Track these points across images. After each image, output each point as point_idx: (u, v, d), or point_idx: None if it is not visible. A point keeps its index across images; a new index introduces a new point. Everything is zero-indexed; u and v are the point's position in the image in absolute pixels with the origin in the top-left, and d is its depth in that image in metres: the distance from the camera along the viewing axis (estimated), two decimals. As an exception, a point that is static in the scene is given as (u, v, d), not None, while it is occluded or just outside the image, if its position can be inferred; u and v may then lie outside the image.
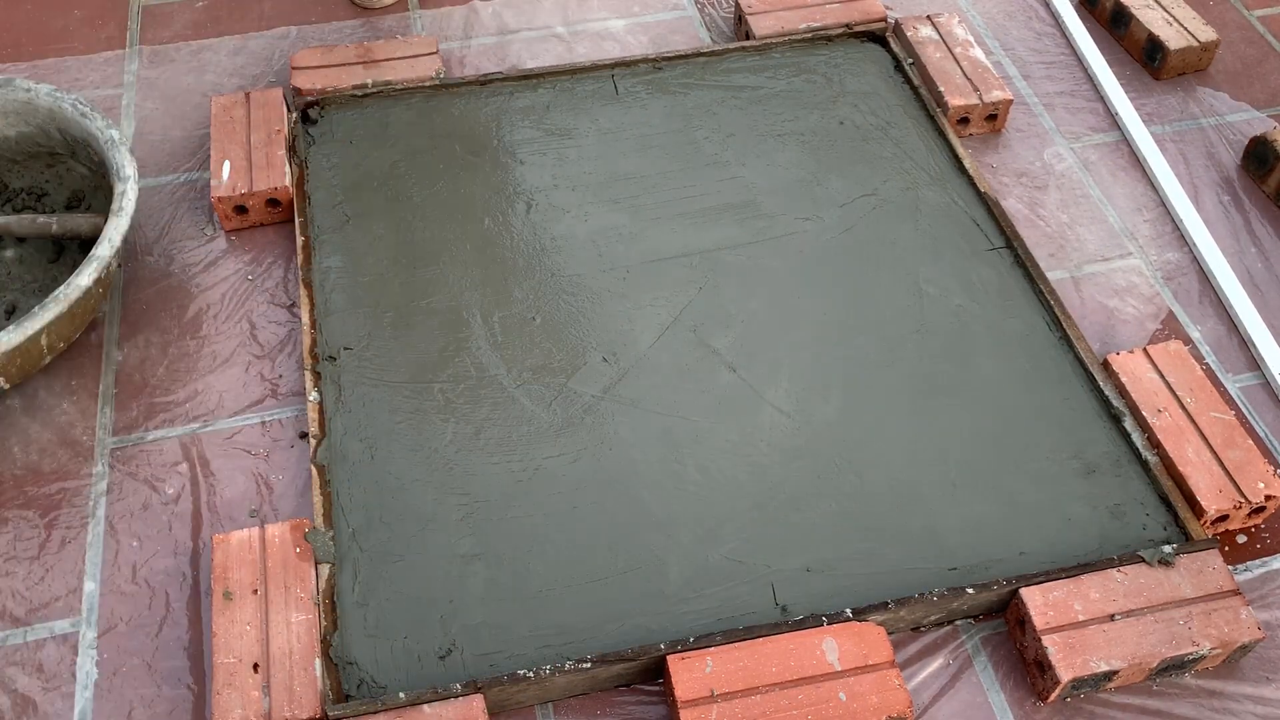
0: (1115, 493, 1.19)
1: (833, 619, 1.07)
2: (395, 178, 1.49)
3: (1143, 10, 1.74)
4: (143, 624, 1.12)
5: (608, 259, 1.40)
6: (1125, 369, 1.27)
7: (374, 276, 1.38)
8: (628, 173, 1.51)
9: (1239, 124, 1.65)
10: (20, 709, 1.06)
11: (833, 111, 1.58)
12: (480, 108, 1.59)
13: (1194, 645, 1.05)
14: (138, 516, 1.20)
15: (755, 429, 1.24)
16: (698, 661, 1.03)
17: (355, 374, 1.28)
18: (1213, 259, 1.46)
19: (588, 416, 1.25)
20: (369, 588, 1.11)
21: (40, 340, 1.20)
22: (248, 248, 1.46)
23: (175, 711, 1.06)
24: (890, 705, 1.01)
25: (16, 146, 1.43)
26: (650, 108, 1.59)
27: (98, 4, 1.82)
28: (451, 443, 1.22)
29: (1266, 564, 1.18)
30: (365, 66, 1.61)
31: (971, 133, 1.62)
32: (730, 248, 1.42)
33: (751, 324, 1.34)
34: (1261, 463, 1.19)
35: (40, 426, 1.27)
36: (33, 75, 1.69)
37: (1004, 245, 1.43)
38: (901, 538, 1.15)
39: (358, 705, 1.01)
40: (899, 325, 1.34)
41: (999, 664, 1.10)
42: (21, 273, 1.40)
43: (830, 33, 1.69)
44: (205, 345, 1.35)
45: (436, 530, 1.15)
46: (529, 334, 1.32)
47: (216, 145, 1.49)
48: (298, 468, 1.24)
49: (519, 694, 1.04)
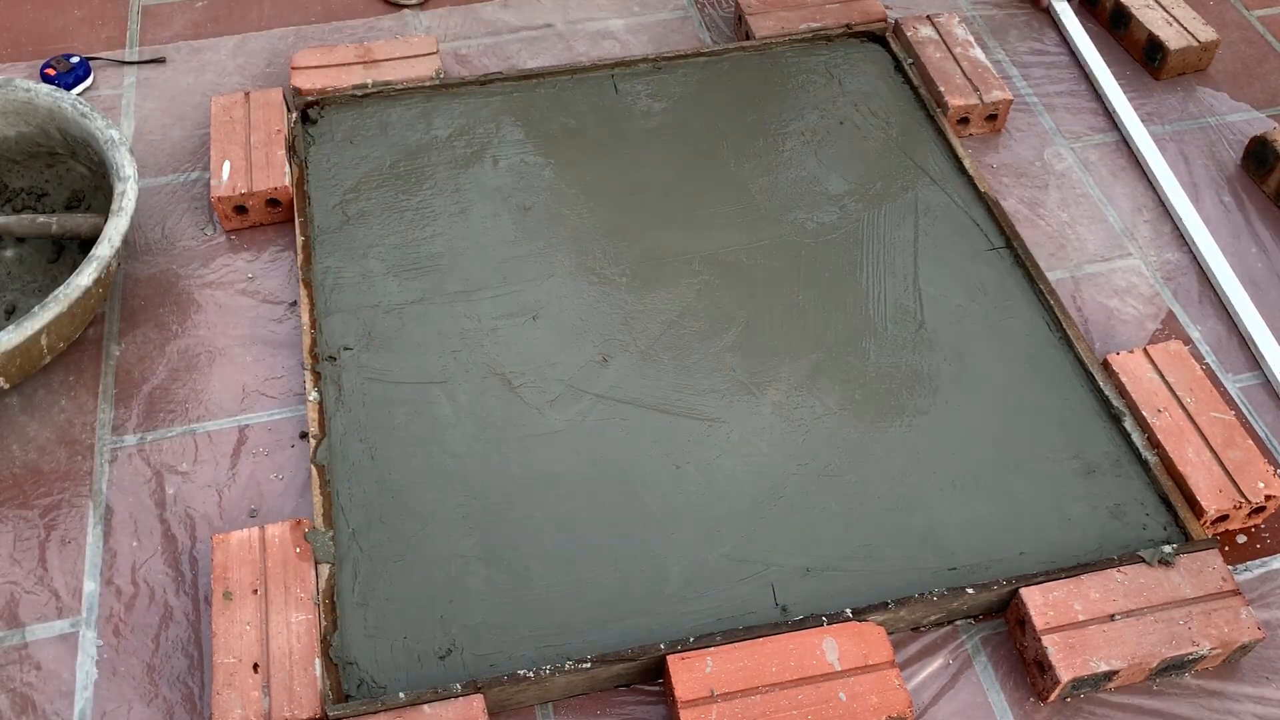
0: (1115, 493, 1.19)
1: (833, 619, 1.07)
2: (395, 178, 1.49)
3: (1143, 10, 1.74)
4: (143, 624, 1.12)
5: (608, 258, 1.40)
6: (1125, 369, 1.27)
7: (374, 276, 1.38)
8: (628, 173, 1.51)
9: (1239, 124, 1.65)
10: (20, 709, 1.06)
11: (833, 111, 1.58)
12: (480, 108, 1.59)
13: (1194, 645, 1.05)
14: (137, 516, 1.20)
15: (755, 429, 1.24)
16: (698, 661, 1.03)
17: (355, 374, 1.28)
18: (1213, 259, 1.46)
19: (588, 416, 1.25)
20: (369, 588, 1.11)
21: (40, 340, 1.20)
22: (248, 247, 1.46)
23: (175, 711, 1.06)
24: (890, 705, 1.01)
25: (16, 146, 1.43)
26: (650, 108, 1.59)
27: (98, 4, 1.82)
28: (451, 443, 1.22)
29: (1266, 564, 1.18)
30: (365, 66, 1.61)
31: (971, 133, 1.62)
32: (730, 247, 1.42)
33: (752, 324, 1.34)
34: (1261, 463, 1.19)
35: (40, 426, 1.27)
36: (33, 75, 1.69)
37: (1004, 245, 1.43)
38: (901, 538, 1.15)
39: (358, 705, 1.01)
40: (899, 325, 1.34)
41: (999, 664, 1.10)
42: (21, 273, 1.40)
43: (830, 33, 1.69)
44: (205, 345, 1.35)
45: (436, 530, 1.15)
46: (529, 333, 1.32)
47: (216, 145, 1.49)
48: (298, 468, 1.24)
49: (519, 694, 1.04)
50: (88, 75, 1.67)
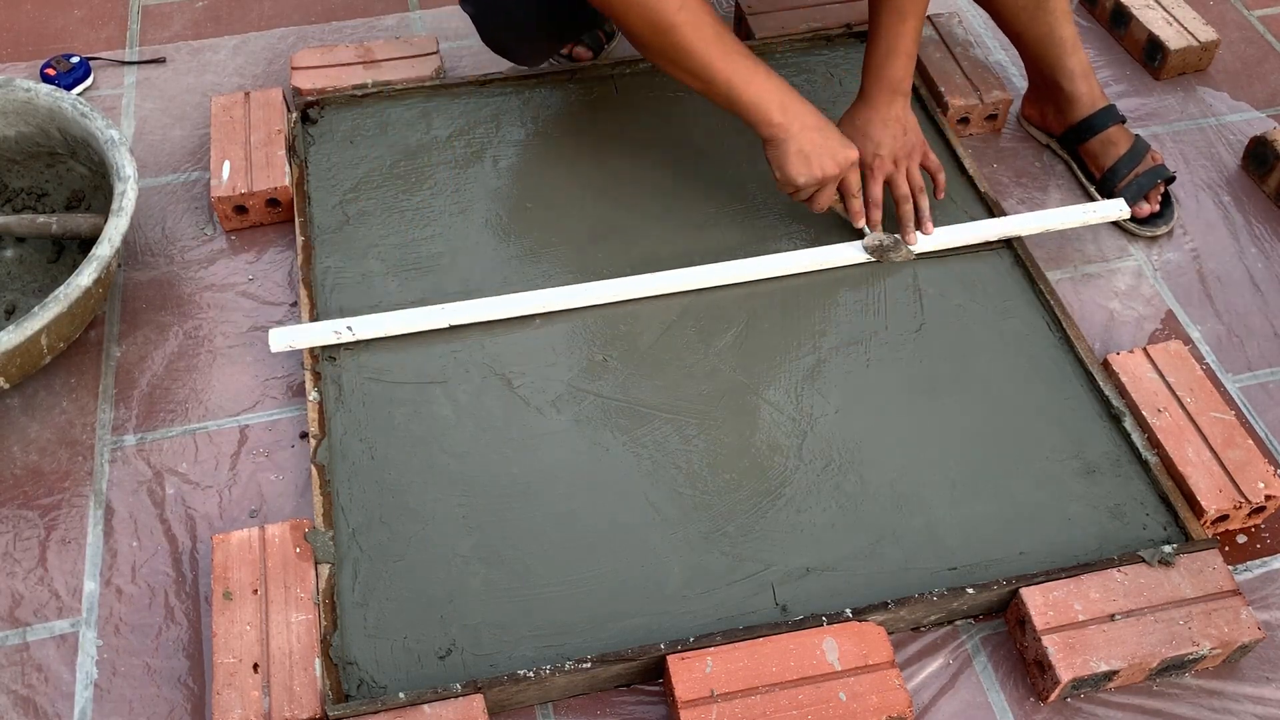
0: (1115, 493, 1.19)
1: (833, 619, 1.07)
2: (395, 178, 1.49)
3: (1143, 10, 1.74)
4: (143, 624, 1.12)
5: (608, 258, 1.40)
6: (1125, 369, 1.27)
7: (374, 276, 1.38)
8: (628, 172, 1.51)
9: (1239, 124, 1.65)
10: (20, 709, 1.06)
11: (832, 112, 1.57)
12: (480, 108, 1.59)
13: (1194, 645, 1.05)
14: (137, 516, 1.20)
15: (755, 429, 1.24)
16: (698, 661, 1.03)
17: (355, 374, 1.28)
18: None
19: (588, 416, 1.25)
20: (369, 588, 1.11)
21: (40, 340, 1.20)
22: (248, 247, 1.46)
23: (175, 711, 1.06)
24: (890, 705, 1.01)
25: (16, 146, 1.43)
26: (650, 108, 1.59)
27: (98, 4, 1.82)
28: (451, 443, 1.22)
29: (1266, 564, 1.18)
30: (365, 66, 1.61)
31: (971, 133, 1.62)
32: (730, 247, 1.42)
33: (752, 324, 1.34)
34: (1261, 463, 1.19)
35: (40, 426, 1.27)
36: (33, 75, 1.69)
37: (1004, 245, 1.43)
38: (901, 538, 1.15)
39: (358, 705, 1.01)
40: (899, 325, 1.34)
41: (999, 664, 1.10)
42: (21, 273, 1.40)
43: (830, 33, 1.69)
44: (205, 345, 1.35)
45: (436, 530, 1.15)
46: (529, 333, 1.32)
47: (216, 145, 1.49)
48: (298, 468, 1.24)
49: (519, 694, 1.04)
50: (88, 75, 1.68)
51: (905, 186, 1.37)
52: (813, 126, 1.28)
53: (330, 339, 1.28)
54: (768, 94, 1.25)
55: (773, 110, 1.25)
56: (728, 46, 1.23)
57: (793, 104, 1.27)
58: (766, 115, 1.26)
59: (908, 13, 1.32)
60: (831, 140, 1.29)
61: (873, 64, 1.36)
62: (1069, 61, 1.50)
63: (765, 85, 1.25)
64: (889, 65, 1.34)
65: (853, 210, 1.38)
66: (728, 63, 1.23)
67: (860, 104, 1.39)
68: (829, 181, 1.32)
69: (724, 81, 1.24)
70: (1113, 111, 1.51)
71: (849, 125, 1.39)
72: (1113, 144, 1.50)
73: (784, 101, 1.26)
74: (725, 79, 1.24)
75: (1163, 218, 1.48)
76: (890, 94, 1.36)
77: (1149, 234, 1.48)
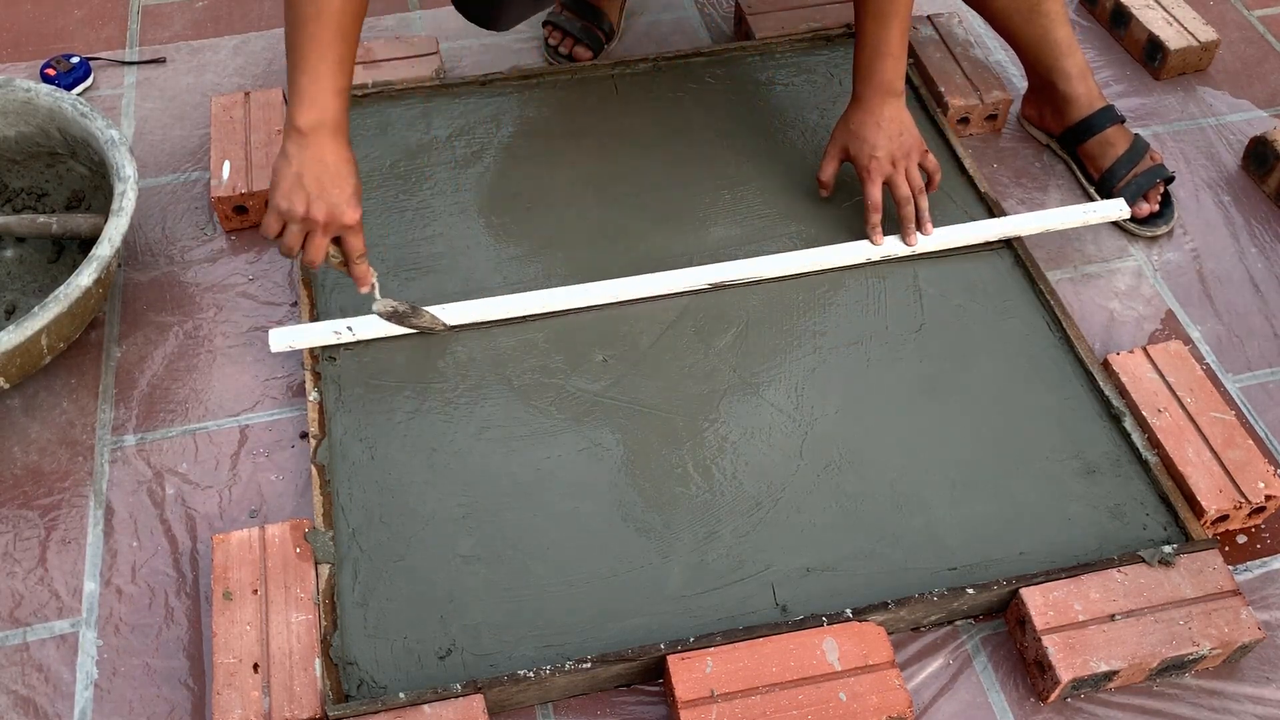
0: (1115, 493, 1.19)
1: (833, 619, 1.07)
2: (395, 178, 1.49)
3: (1143, 10, 1.74)
4: (143, 624, 1.12)
5: (608, 258, 1.40)
6: (1125, 369, 1.27)
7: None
8: (628, 173, 1.51)
9: (1239, 124, 1.65)
10: (20, 709, 1.06)
11: (833, 111, 1.58)
12: (480, 108, 1.59)
13: (1194, 645, 1.05)
14: (137, 516, 1.20)
15: (755, 429, 1.24)
16: (698, 661, 1.03)
17: (355, 374, 1.28)
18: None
19: (588, 416, 1.25)
20: (369, 588, 1.11)
21: (40, 340, 1.20)
22: (248, 247, 1.46)
23: (175, 711, 1.06)
24: (890, 705, 1.01)
25: (16, 146, 1.43)
26: (650, 108, 1.59)
27: (98, 4, 1.82)
28: (451, 443, 1.22)
29: (1266, 564, 1.18)
30: (365, 66, 1.61)
31: (971, 133, 1.62)
32: (730, 247, 1.42)
33: (751, 323, 1.34)
34: (1261, 463, 1.19)
35: (40, 426, 1.27)
36: (33, 75, 1.69)
37: (1004, 245, 1.43)
38: (901, 538, 1.15)
39: (358, 705, 1.01)
40: (899, 325, 1.34)
41: (999, 664, 1.10)
42: (21, 273, 1.40)
43: (830, 33, 1.69)
44: (205, 345, 1.35)
45: (436, 530, 1.15)
46: (528, 333, 1.32)
47: (216, 145, 1.49)
48: (298, 468, 1.24)
49: (519, 694, 1.04)
50: (88, 75, 1.68)
51: (905, 188, 1.36)
52: (330, 166, 1.11)
53: (330, 339, 1.28)
54: (318, 97, 1.11)
55: (304, 113, 1.10)
56: (327, 33, 1.10)
57: (329, 135, 1.11)
58: (294, 112, 1.11)
59: (889, 15, 1.30)
60: (342, 190, 1.12)
61: (861, 67, 1.35)
62: (1065, 63, 1.50)
63: (323, 88, 1.11)
64: (877, 67, 1.34)
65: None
66: (308, 42, 1.10)
67: (853, 107, 1.38)
68: (315, 228, 1.13)
69: (293, 53, 1.11)
70: (1111, 112, 1.51)
71: (843, 128, 1.38)
72: (1111, 145, 1.50)
73: (323, 121, 1.11)
74: (295, 53, 1.11)
75: (1162, 218, 1.48)
76: (882, 95, 1.35)
77: (1149, 234, 1.48)
